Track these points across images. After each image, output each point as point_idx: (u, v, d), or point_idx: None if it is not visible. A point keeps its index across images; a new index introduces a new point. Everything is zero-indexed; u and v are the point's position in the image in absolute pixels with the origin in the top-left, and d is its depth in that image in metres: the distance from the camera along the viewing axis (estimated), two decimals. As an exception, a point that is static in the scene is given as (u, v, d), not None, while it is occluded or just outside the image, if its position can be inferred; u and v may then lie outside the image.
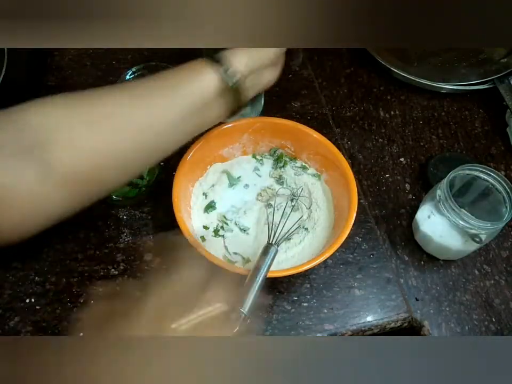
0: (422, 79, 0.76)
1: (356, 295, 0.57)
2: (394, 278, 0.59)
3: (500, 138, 0.73)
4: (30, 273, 0.57)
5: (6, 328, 0.53)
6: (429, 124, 0.75)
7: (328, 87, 0.79)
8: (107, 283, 0.54)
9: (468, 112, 0.77)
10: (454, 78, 0.76)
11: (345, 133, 0.73)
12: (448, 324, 0.56)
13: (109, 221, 0.61)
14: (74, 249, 0.59)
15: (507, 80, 0.73)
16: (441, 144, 0.72)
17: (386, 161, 0.70)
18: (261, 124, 0.62)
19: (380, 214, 0.65)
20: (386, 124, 0.74)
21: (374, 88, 0.79)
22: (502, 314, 0.57)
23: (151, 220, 0.62)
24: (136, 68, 0.72)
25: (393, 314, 0.56)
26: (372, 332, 0.56)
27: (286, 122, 0.62)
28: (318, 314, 0.56)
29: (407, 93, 0.78)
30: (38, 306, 0.55)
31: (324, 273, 0.59)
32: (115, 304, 0.37)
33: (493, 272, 0.60)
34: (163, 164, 0.66)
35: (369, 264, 0.60)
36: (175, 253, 0.40)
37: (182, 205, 0.55)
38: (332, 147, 0.60)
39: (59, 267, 0.57)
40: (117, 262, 0.58)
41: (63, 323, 0.54)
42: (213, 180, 0.62)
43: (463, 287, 0.59)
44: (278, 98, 0.75)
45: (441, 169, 0.67)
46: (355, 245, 0.61)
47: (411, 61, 0.80)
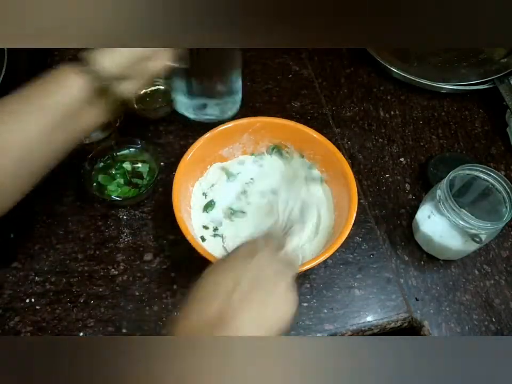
0: (422, 79, 0.76)
1: (356, 295, 0.57)
2: (394, 278, 0.59)
3: (500, 138, 0.73)
4: (30, 273, 0.57)
5: (6, 328, 0.53)
6: (429, 123, 0.75)
7: (328, 87, 0.79)
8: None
9: (467, 112, 0.77)
10: (454, 78, 0.76)
11: (345, 133, 0.73)
12: (448, 323, 0.56)
13: (109, 221, 0.61)
14: (74, 249, 0.59)
15: (507, 80, 0.73)
16: (441, 144, 0.72)
17: (386, 161, 0.70)
18: (261, 123, 0.62)
19: (380, 214, 0.65)
20: (386, 124, 0.74)
21: (374, 88, 0.79)
22: (502, 314, 0.57)
23: (151, 220, 0.62)
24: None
25: (393, 314, 0.56)
26: (371, 331, 0.56)
27: (286, 122, 0.62)
28: (318, 314, 0.56)
29: (407, 93, 0.78)
30: (38, 306, 0.55)
31: (324, 273, 0.59)
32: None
33: (493, 272, 0.60)
34: (163, 164, 0.66)
35: (369, 264, 0.60)
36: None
37: (182, 205, 0.55)
38: (332, 147, 0.60)
39: (59, 267, 0.57)
40: (117, 262, 0.58)
41: (63, 323, 0.54)
42: (213, 180, 0.62)
43: (463, 287, 0.59)
44: (278, 98, 0.76)
45: (441, 169, 0.67)
46: (355, 245, 0.61)
47: (411, 61, 0.80)
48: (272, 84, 0.77)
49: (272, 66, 0.80)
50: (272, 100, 0.75)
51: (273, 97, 0.76)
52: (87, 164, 0.61)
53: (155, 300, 0.56)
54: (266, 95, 0.76)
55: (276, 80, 0.78)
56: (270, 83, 0.77)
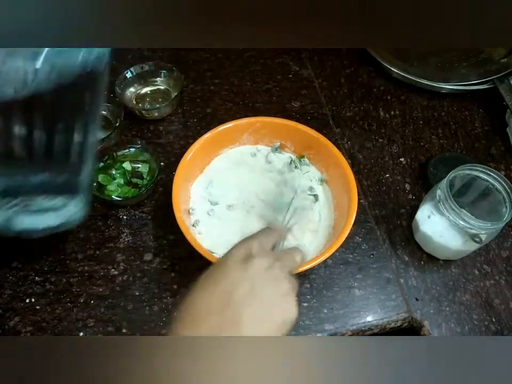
0: (422, 79, 0.76)
1: (356, 295, 0.57)
2: (394, 278, 0.59)
3: (500, 138, 0.73)
4: (30, 273, 0.57)
5: (6, 328, 0.53)
6: (429, 124, 0.75)
7: (328, 87, 0.79)
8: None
9: (467, 112, 0.77)
10: (454, 78, 0.76)
11: (345, 133, 0.73)
12: (448, 323, 0.56)
13: (109, 221, 0.61)
14: (74, 249, 0.59)
15: (507, 80, 0.73)
16: (441, 144, 0.72)
17: (386, 161, 0.70)
18: (261, 123, 0.62)
19: (380, 214, 0.65)
20: (386, 124, 0.74)
21: (374, 88, 0.79)
22: (502, 314, 0.57)
23: (151, 220, 0.62)
24: (136, 68, 0.72)
25: (393, 314, 0.56)
26: (371, 332, 0.56)
27: (286, 122, 0.63)
28: (318, 314, 0.56)
29: (407, 93, 0.78)
30: (38, 306, 0.55)
31: (324, 273, 0.59)
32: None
33: (493, 272, 0.60)
34: (163, 164, 0.66)
35: (369, 264, 0.60)
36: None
37: (182, 205, 0.55)
38: (332, 147, 0.60)
39: (59, 267, 0.57)
40: (117, 262, 0.58)
41: (63, 323, 0.54)
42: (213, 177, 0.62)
43: (463, 287, 0.59)
44: (278, 98, 0.76)
45: (441, 169, 0.67)
46: (355, 245, 0.61)
47: (411, 61, 0.80)
48: (272, 84, 0.77)
49: (272, 66, 0.80)
50: (272, 99, 0.75)
51: (273, 97, 0.76)
52: (87, 164, 0.61)
53: (155, 300, 0.56)
54: (266, 95, 0.76)
55: (276, 80, 0.78)
56: (270, 83, 0.78)
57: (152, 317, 0.54)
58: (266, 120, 0.63)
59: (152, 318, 0.54)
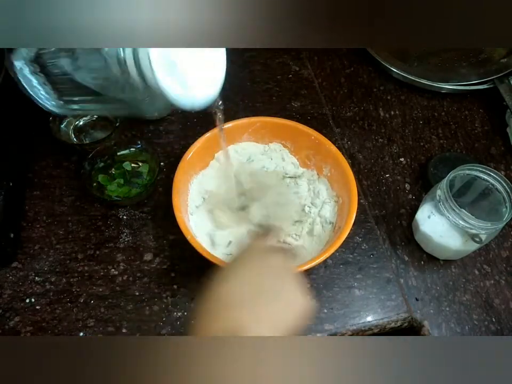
0: (422, 79, 0.76)
1: (355, 295, 0.57)
2: (394, 278, 0.59)
3: (500, 138, 0.73)
4: (30, 273, 0.57)
5: (6, 328, 0.53)
6: (429, 124, 0.75)
7: (328, 87, 0.79)
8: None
9: (467, 112, 0.77)
10: (454, 78, 0.76)
11: (345, 133, 0.73)
12: (448, 323, 0.56)
13: (109, 221, 0.61)
14: (74, 249, 0.59)
15: (507, 80, 0.73)
16: (441, 144, 0.72)
17: (386, 161, 0.70)
18: (261, 123, 0.62)
19: (380, 214, 0.65)
20: (386, 124, 0.74)
21: (374, 88, 0.79)
22: (502, 314, 0.57)
23: (151, 220, 0.62)
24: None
25: (393, 314, 0.56)
26: (371, 332, 0.56)
27: (286, 122, 0.62)
28: (318, 314, 0.56)
29: (407, 93, 0.78)
30: (38, 306, 0.55)
31: (324, 273, 0.59)
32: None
33: (493, 272, 0.60)
34: (163, 164, 0.66)
35: (369, 264, 0.60)
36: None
37: (182, 205, 0.55)
38: (332, 147, 0.60)
39: (59, 267, 0.57)
40: (117, 262, 0.58)
41: (63, 323, 0.54)
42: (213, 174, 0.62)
43: (463, 287, 0.59)
44: (278, 98, 0.76)
45: (441, 169, 0.67)
46: (355, 245, 0.61)
47: (411, 61, 0.80)
48: (272, 84, 0.77)
49: (272, 66, 0.80)
50: (272, 100, 0.75)
51: (273, 97, 0.76)
52: (87, 164, 0.61)
53: (155, 300, 0.56)
54: (266, 95, 0.76)
55: (276, 80, 0.78)
56: (270, 83, 0.78)
57: (152, 317, 0.54)
58: (266, 120, 0.63)
59: (152, 318, 0.54)
